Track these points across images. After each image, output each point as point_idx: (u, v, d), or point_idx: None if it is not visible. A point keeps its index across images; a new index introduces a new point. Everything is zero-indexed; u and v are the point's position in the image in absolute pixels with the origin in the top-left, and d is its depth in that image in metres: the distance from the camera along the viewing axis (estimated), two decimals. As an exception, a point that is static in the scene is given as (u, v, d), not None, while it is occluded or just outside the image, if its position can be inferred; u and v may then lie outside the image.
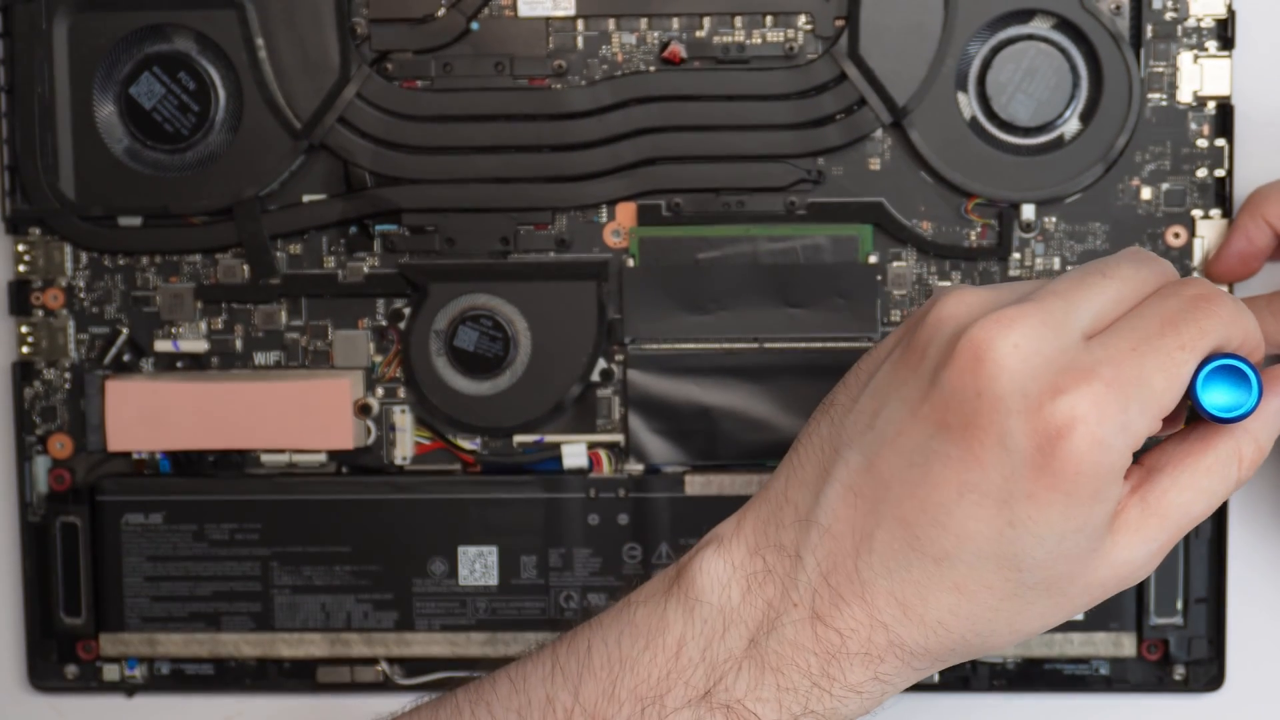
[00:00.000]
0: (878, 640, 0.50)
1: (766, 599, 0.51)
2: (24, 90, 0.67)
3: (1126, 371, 0.48)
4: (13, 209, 0.68)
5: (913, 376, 0.50)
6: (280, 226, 0.68)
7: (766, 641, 0.51)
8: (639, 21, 0.67)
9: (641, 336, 0.68)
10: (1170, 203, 0.66)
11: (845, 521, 0.50)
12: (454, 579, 0.69)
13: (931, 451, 0.49)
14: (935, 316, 0.50)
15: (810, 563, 0.51)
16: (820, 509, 0.51)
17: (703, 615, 0.52)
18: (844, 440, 0.51)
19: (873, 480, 0.50)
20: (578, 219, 0.68)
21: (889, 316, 0.67)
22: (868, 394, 0.51)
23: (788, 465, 0.53)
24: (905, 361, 0.51)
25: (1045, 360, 0.48)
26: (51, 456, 0.70)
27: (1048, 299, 0.49)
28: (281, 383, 0.68)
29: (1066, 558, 0.49)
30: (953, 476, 0.48)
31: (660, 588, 0.53)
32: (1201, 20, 0.65)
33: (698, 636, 0.51)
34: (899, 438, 0.50)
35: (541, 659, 0.54)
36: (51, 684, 0.71)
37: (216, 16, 0.67)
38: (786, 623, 0.51)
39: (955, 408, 0.48)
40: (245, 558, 0.69)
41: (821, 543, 0.51)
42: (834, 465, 0.51)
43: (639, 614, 0.53)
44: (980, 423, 0.48)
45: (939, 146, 0.66)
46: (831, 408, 0.53)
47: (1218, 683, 0.68)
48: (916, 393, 0.49)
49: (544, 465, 0.69)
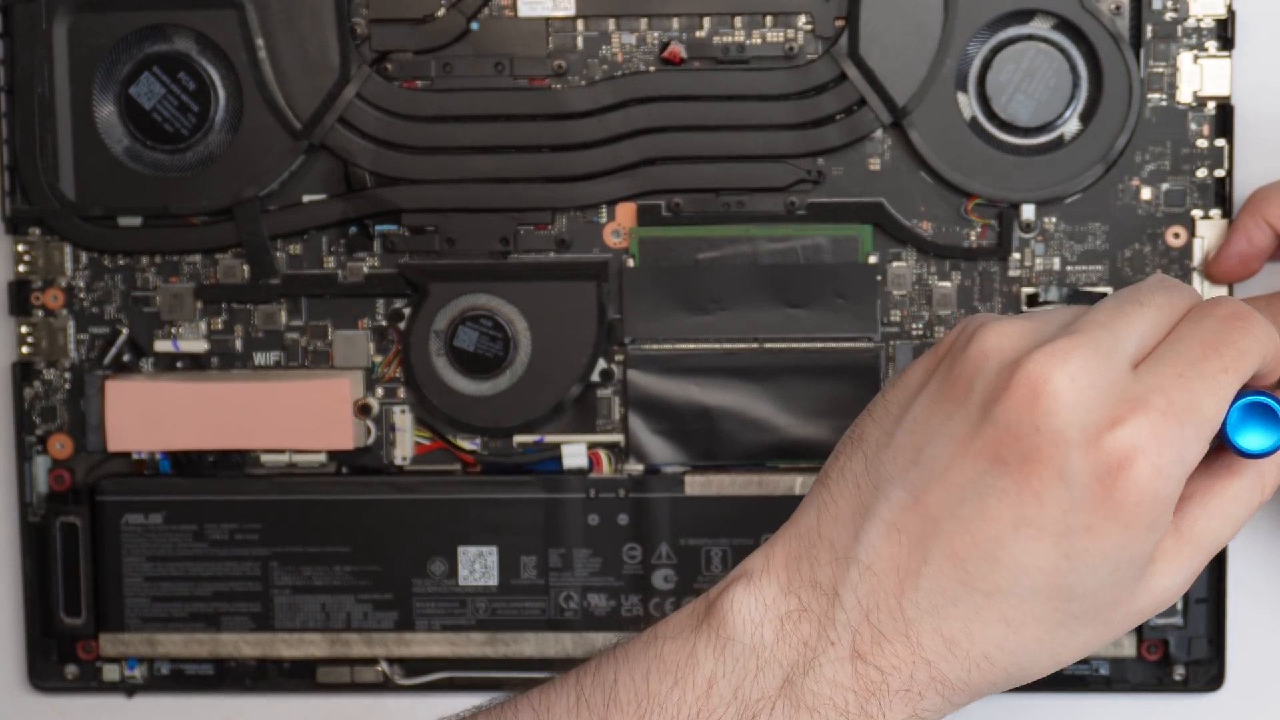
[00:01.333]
0: (919, 677, 0.50)
1: (802, 638, 0.50)
2: (24, 90, 0.67)
3: (1179, 399, 0.48)
4: (13, 209, 0.68)
5: (959, 411, 0.50)
6: (280, 226, 0.68)
7: (803, 681, 0.50)
8: (639, 21, 0.67)
9: (641, 336, 0.68)
10: (1170, 203, 0.66)
11: (888, 559, 0.50)
12: (454, 579, 0.69)
13: (985, 487, 0.48)
14: (978, 350, 0.50)
15: (850, 600, 0.50)
16: (861, 546, 0.50)
17: (734, 654, 0.51)
18: (884, 476, 0.51)
19: (919, 517, 0.50)
20: (578, 219, 0.68)
21: (889, 316, 0.67)
22: (904, 429, 0.51)
23: (817, 500, 0.52)
24: (948, 395, 0.50)
25: (1101, 392, 0.48)
26: (51, 457, 0.70)
27: (1093, 330, 0.49)
28: (281, 383, 0.68)
29: (1115, 586, 0.49)
30: (1008, 511, 0.48)
31: (689, 624, 0.52)
32: (1201, 20, 0.65)
33: (729, 675, 0.51)
34: (948, 473, 0.49)
35: (565, 688, 0.53)
36: (51, 684, 0.71)
37: (216, 16, 0.67)
38: (825, 662, 0.50)
39: (1011, 442, 0.48)
40: (245, 558, 0.69)
41: (862, 580, 0.50)
42: (874, 502, 0.50)
43: (667, 649, 0.52)
44: (1039, 457, 0.48)
45: (939, 147, 0.66)
46: (863, 442, 0.52)
47: (1218, 683, 0.68)
48: (965, 428, 0.49)
49: (544, 465, 0.69)
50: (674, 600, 0.68)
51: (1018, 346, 0.49)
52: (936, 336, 0.67)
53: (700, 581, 0.68)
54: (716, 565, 0.68)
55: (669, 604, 0.68)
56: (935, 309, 0.67)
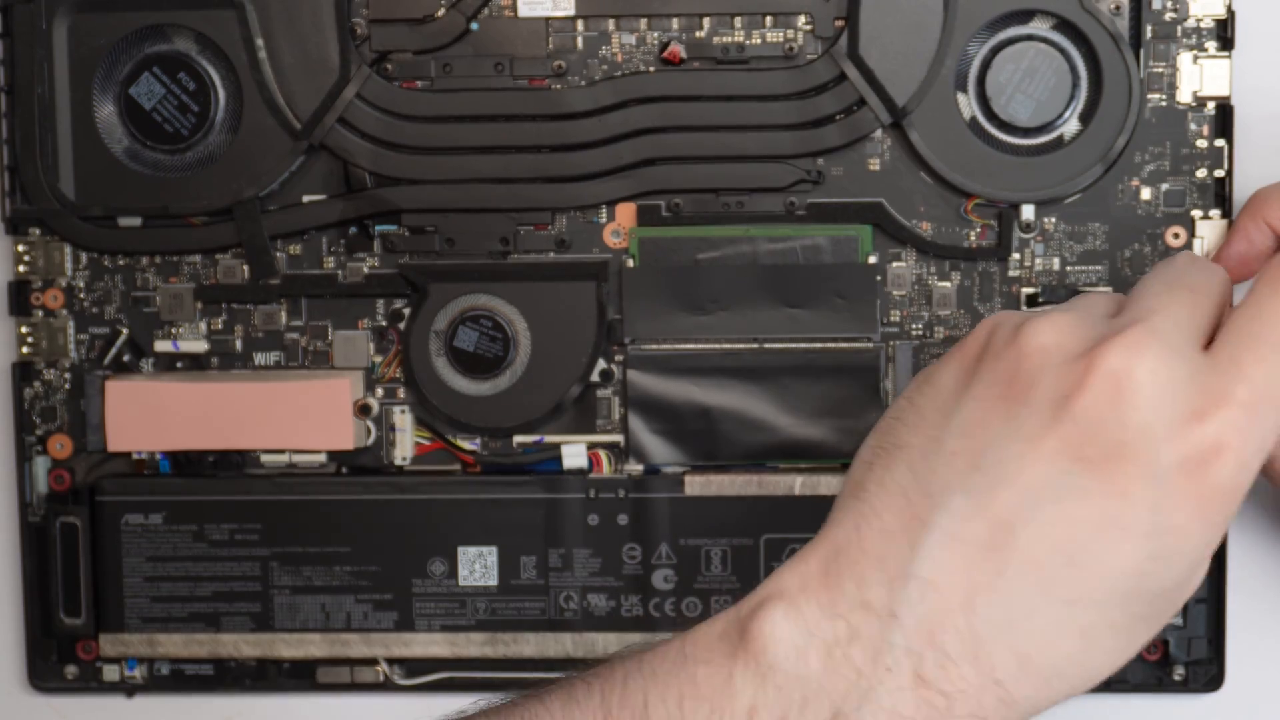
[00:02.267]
0: (986, 700, 0.47)
1: (855, 667, 0.47)
2: (24, 90, 0.67)
3: (1258, 388, 0.47)
4: (13, 209, 0.68)
5: (1023, 410, 0.47)
6: (280, 227, 0.68)
7: (858, 714, 0.47)
8: (639, 22, 0.67)
9: (641, 337, 0.68)
10: (1170, 203, 0.66)
11: (953, 573, 0.47)
12: (454, 579, 0.69)
13: (1065, 487, 0.46)
14: (1035, 346, 0.48)
15: (909, 621, 0.47)
16: (919, 561, 0.47)
17: (776, 684, 0.48)
18: (940, 485, 0.48)
19: (987, 524, 0.47)
20: (578, 219, 0.68)
21: (888, 316, 0.67)
22: (955, 433, 0.48)
23: (854, 512, 0.49)
24: (1004, 395, 0.48)
25: (1181, 384, 0.46)
26: (51, 457, 0.70)
27: (1156, 320, 0.47)
28: (281, 383, 0.68)
29: (1185, 584, 0.48)
30: (1093, 512, 0.46)
31: (721, 647, 0.49)
32: (1201, 20, 0.65)
33: (772, 706, 0.48)
34: (1021, 475, 0.46)
35: (590, 706, 0.50)
36: (51, 684, 0.71)
37: (216, 16, 0.67)
38: (883, 692, 0.47)
39: (1093, 439, 0.46)
40: (245, 558, 0.69)
41: (923, 599, 0.47)
42: (931, 512, 0.47)
43: (700, 675, 0.49)
44: (1126, 453, 0.46)
45: (939, 147, 0.66)
46: (903, 449, 0.49)
47: (1217, 683, 0.68)
48: (1034, 427, 0.47)
49: (544, 465, 0.69)
50: (674, 600, 0.68)
51: (1078, 339, 0.47)
52: (936, 336, 0.67)
53: (700, 581, 0.68)
54: (716, 565, 0.68)
55: (669, 604, 0.68)
56: (935, 309, 0.67)
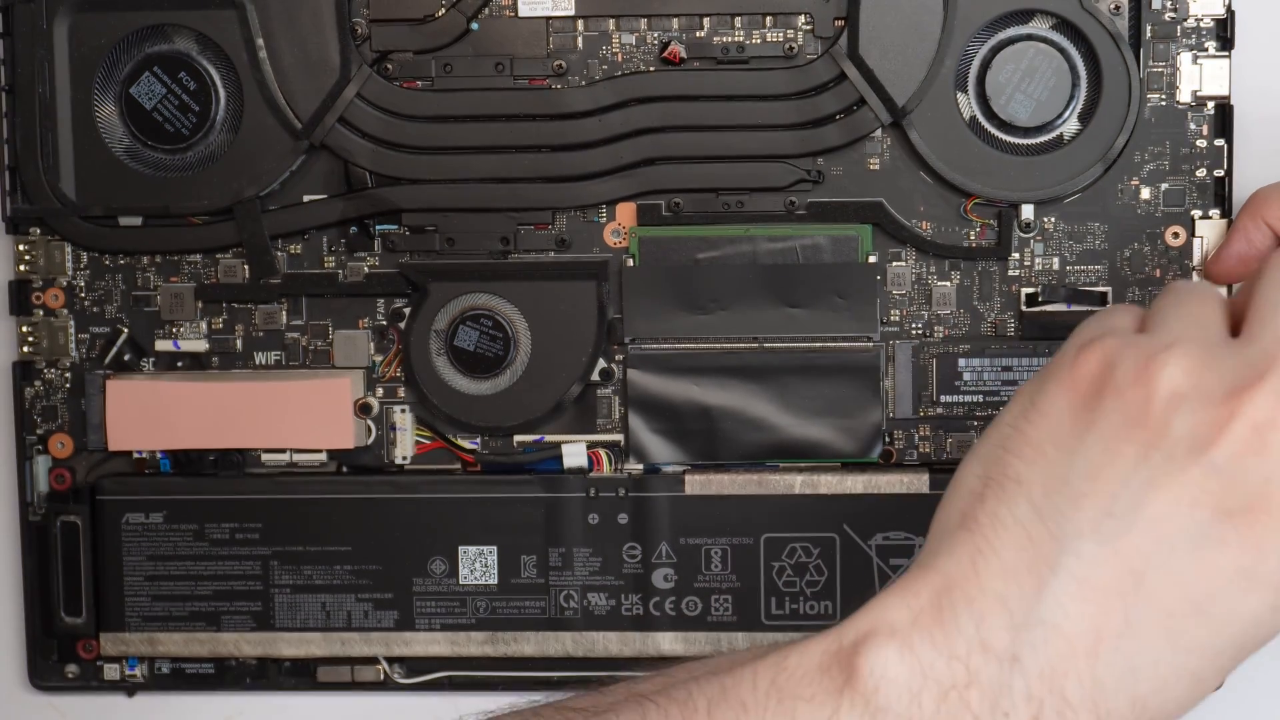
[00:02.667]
0: None
1: (972, 713, 0.46)
2: (24, 90, 0.67)
3: None
4: (13, 209, 0.69)
5: (1157, 455, 0.46)
6: (280, 226, 0.68)
7: None
8: (639, 21, 0.67)
9: (641, 336, 0.68)
10: (1169, 203, 0.66)
11: (1079, 619, 0.46)
12: (454, 578, 0.69)
13: (1202, 537, 0.45)
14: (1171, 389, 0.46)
15: (1032, 667, 0.46)
16: (1046, 605, 0.46)
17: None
18: (1070, 529, 0.46)
19: (1117, 572, 0.46)
20: (578, 219, 0.68)
21: (888, 316, 0.68)
22: (1081, 474, 0.47)
23: (969, 546, 0.47)
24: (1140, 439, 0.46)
25: None
26: (52, 456, 0.70)
27: None
28: (282, 382, 0.68)
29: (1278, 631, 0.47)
30: (1228, 563, 0.45)
31: (825, 684, 0.47)
32: (1201, 20, 0.65)
33: None
34: (1157, 524, 0.45)
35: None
36: (52, 683, 0.71)
37: (217, 16, 0.67)
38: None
39: (1234, 490, 0.45)
40: (245, 557, 0.69)
41: (1048, 644, 0.46)
42: (1056, 556, 0.46)
43: (801, 712, 0.46)
44: (1267, 507, 0.45)
45: (938, 146, 0.66)
46: (1021, 485, 0.48)
47: (1216, 682, 0.68)
48: (1172, 474, 0.45)
49: (544, 465, 0.69)
50: (674, 599, 0.68)
51: (1215, 380, 0.46)
52: (936, 335, 0.67)
53: (701, 580, 0.68)
54: (716, 564, 0.68)
55: (669, 603, 0.68)
56: (935, 309, 0.67)
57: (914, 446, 0.68)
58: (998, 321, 0.67)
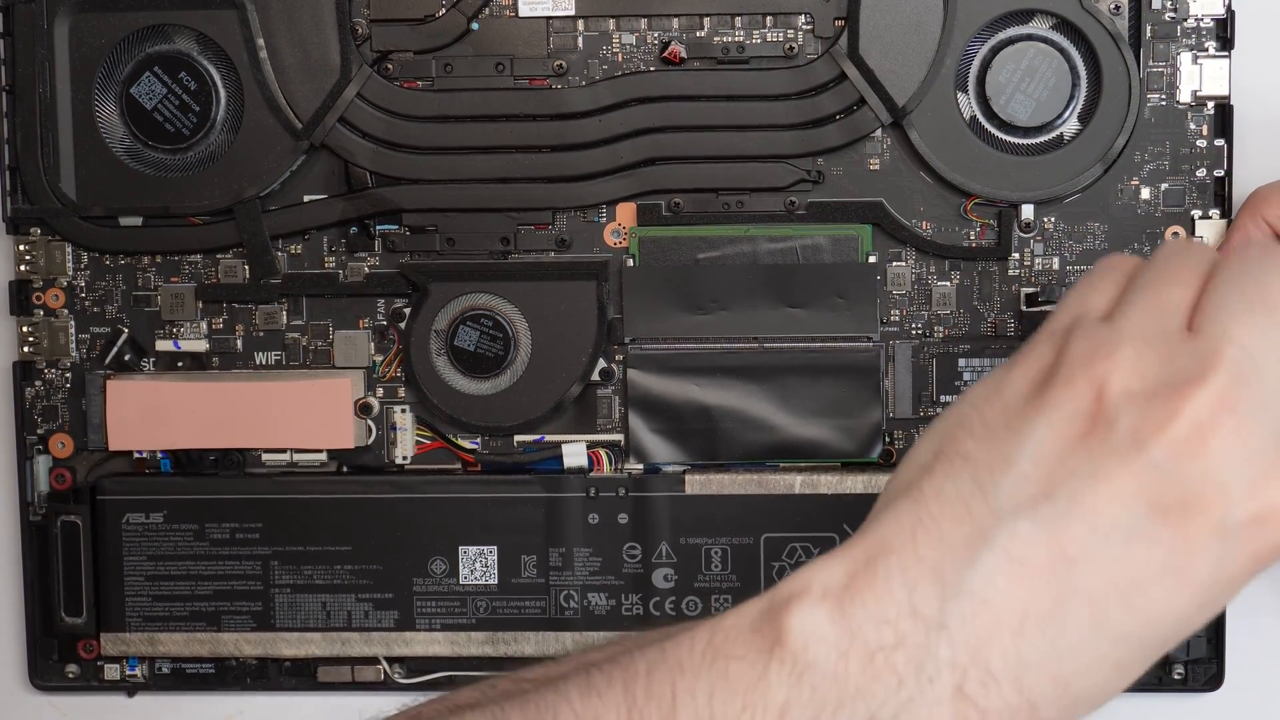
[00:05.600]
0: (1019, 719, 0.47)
1: (897, 675, 0.46)
2: (25, 90, 0.67)
3: None
4: (13, 209, 0.69)
5: (1101, 449, 0.46)
6: (281, 226, 0.68)
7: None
8: (639, 21, 0.67)
9: (641, 336, 0.68)
10: (1169, 203, 0.66)
11: (1008, 595, 0.46)
12: (454, 578, 0.69)
13: (1137, 532, 0.46)
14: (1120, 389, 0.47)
15: (959, 636, 0.46)
16: (975, 577, 0.46)
17: (812, 683, 0.47)
18: (1006, 506, 0.47)
19: (1050, 554, 0.46)
20: (578, 219, 0.68)
21: (888, 316, 0.68)
22: (1029, 457, 0.47)
23: (911, 514, 0.48)
24: (1085, 430, 0.47)
25: (1262, 441, 0.46)
26: (52, 456, 0.70)
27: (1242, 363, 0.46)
28: (282, 382, 0.68)
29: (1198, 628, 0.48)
30: (1157, 559, 0.46)
31: (756, 641, 0.48)
32: (1200, 20, 0.65)
33: (805, 706, 0.47)
34: (1094, 514, 0.46)
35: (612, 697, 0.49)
36: (52, 683, 0.71)
37: (217, 16, 0.67)
38: (921, 703, 0.46)
39: (1172, 488, 0.45)
40: (246, 557, 0.69)
41: (975, 615, 0.46)
42: (993, 531, 0.46)
43: (733, 671, 0.47)
44: (1201, 506, 0.45)
45: (938, 146, 0.66)
46: (969, 460, 0.48)
47: (1217, 682, 0.68)
48: (1113, 467, 0.46)
49: (544, 465, 0.69)
50: (674, 599, 0.68)
51: (1161, 373, 0.46)
52: (936, 335, 0.68)
53: (700, 580, 0.68)
54: (716, 564, 0.68)
55: (669, 603, 0.68)
56: (935, 308, 0.67)
57: (914, 446, 0.68)
58: (998, 321, 0.67)
